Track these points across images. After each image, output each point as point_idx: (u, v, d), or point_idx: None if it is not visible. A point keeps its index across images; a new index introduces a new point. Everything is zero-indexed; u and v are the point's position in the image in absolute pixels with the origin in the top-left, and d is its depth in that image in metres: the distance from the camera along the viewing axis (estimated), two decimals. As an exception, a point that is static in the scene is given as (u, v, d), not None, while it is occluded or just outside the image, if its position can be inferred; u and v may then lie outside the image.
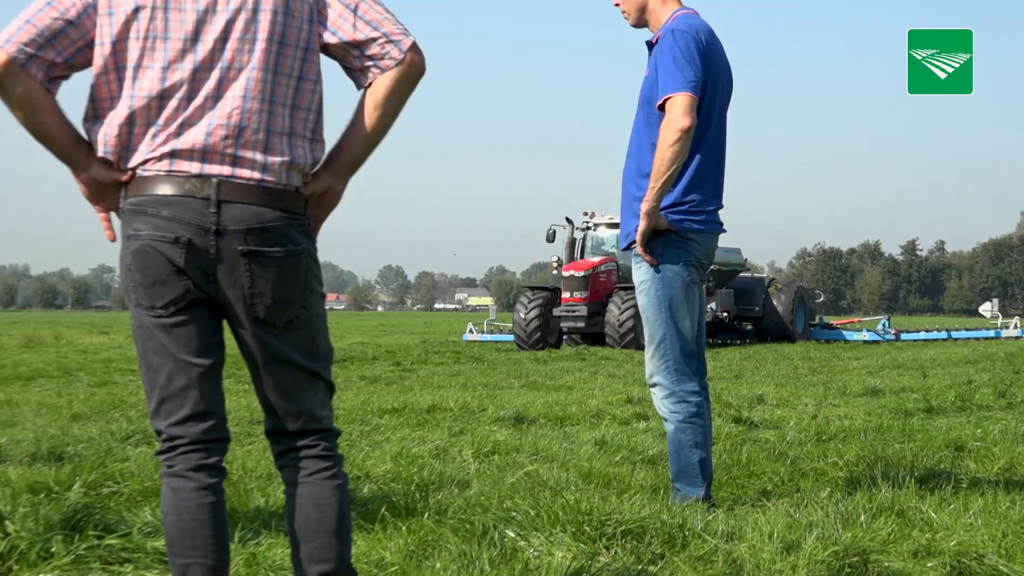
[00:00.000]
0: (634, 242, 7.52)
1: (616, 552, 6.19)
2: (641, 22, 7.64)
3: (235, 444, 4.82)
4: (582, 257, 38.77)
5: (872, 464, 9.33)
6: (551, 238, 39.10)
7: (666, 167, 7.18)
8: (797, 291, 43.57)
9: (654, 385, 7.64)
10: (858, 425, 12.55)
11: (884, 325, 46.46)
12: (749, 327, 42.61)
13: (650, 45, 7.63)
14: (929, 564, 5.96)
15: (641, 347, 32.45)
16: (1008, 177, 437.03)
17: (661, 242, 7.42)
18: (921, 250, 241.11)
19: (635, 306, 32.63)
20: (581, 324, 35.41)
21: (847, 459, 9.63)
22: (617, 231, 38.48)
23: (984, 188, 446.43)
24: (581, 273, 36.04)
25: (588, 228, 40.11)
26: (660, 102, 7.28)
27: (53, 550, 6.15)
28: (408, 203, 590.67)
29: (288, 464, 4.63)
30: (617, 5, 7.68)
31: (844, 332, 46.35)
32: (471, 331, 44.58)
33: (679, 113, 7.15)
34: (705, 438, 7.62)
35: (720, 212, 7.72)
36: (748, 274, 44.43)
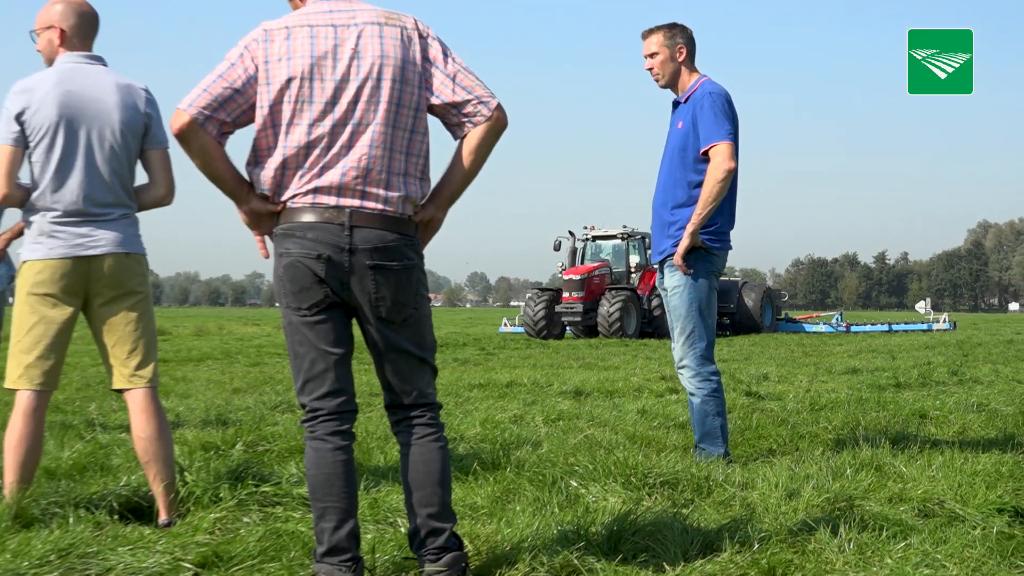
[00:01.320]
0: (669, 256, 7.67)
1: (656, 498, 6.32)
2: (669, 85, 7.73)
3: (359, 413, 4.90)
4: (582, 263, 38.31)
5: (855, 428, 9.42)
6: (557, 247, 38.72)
7: (713, 198, 7.40)
8: (765, 292, 42.38)
9: (683, 367, 7.80)
10: (842, 397, 12.63)
11: (837, 319, 45.35)
12: (726, 321, 41.16)
13: (675, 104, 7.73)
14: (901, 508, 6.02)
15: (627, 335, 32.42)
16: (958, 198, 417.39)
17: (692, 256, 7.58)
18: (889, 259, 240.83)
19: (622, 302, 33.11)
20: (578, 319, 35.12)
21: (835, 424, 9.75)
22: (611, 242, 38.19)
23: (939, 208, 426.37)
24: (578, 277, 35.78)
25: (587, 239, 39.57)
26: (705, 149, 7.46)
27: (221, 495, 6.28)
28: (489, 220, 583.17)
29: (402, 430, 4.81)
30: (650, 69, 7.75)
31: (804, 325, 44.83)
32: (505, 324, 44.17)
33: (724, 158, 7.37)
34: (723, 408, 7.78)
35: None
36: (725, 278, 43.35)
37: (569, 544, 5.11)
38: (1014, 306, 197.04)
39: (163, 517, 5.91)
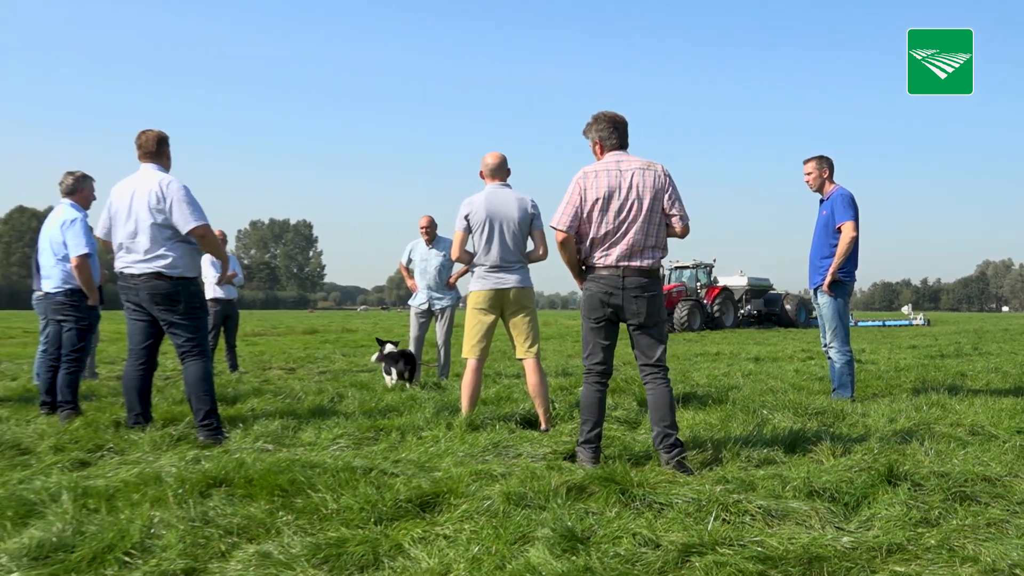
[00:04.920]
0: (820, 286, 7.59)
1: (813, 421, 6.25)
2: (818, 190, 7.67)
3: (614, 372, 5.00)
4: (668, 283, 34.66)
5: (923, 381, 9.06)
6: None
7: (843, 254, 7.42)
8: (799, 300, 37.25)
9: (832, 347, 7.67)
10: (911, 363, 12.14)
11: (851, 316, 39.68)
12: (774, 319, 36.90)
13: (821, 201, 7.66)
14: (959, 430, 5.85)
15: (692, 330, 29.98)
16: (970, 242, 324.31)
17: (834, 285, 7.49)
18: (930, 283, 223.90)
19: (688, 309, 30.66)
20: None
21: (911, 379, 9.39)
22: (686, 270, 35.07)
23: (959, 248, 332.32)
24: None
25: (672, 269, 36.14)
26: (838, 225, 7.45)
27: (574, 415, 6.43)
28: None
29: (648, 380, 4.97)
30: (807, 181, 7.71)
31: None
32: None
33: (849, 231, 7.38)
34: (853, 370, 7.65)
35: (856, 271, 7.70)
36: (773, 291, 38.32)
37: (765, 446, 5.13)
38: (1005, 308, 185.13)
39: (543, 427, 6.14)
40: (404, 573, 3.09)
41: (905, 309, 45.00)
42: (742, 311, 35.65)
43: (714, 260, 36.29)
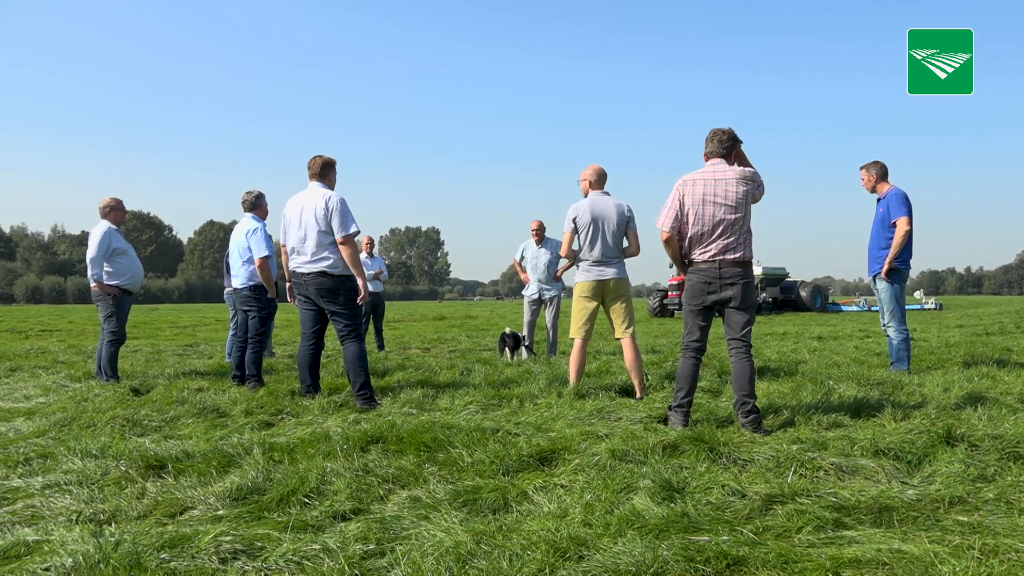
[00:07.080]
0: (878, 273, 7.21)
1: (874, 390, 5.98)
2: (872, 191, 7.30)
3: (707, 350, 4.78)
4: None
5: (972, 356, 8.57)
6: (671, 266, 32.12)
7: (899, 246, 7.02)
8: (815, 287, 33.82)
9: (890, 326, 7.31)
10: (959, 340, 11.46)
11: (864, 302, 35.34)
12: (791, 305, 33.11)
13: (879, 200, 7.29)
14: (1008, 398, 5.51)
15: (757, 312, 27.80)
16: (1014, 231, 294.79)
17: (891, 273, 7.10)
18: (973, 270, 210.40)
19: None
20: (677, 306, 29.26)
21: (960, 354, 8.87)
22: (759, 267, 32.34)
23: (1001, 237, 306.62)
24: (677, 281, 29.57)
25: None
26: (893, 221, 7.06)
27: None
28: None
29: (734, 353, 4.81)
30: (864, 186, 7.36)
31: (843, 307, 35.13)
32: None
33: (903, 225, 6.99)
34: (909, 346, 7.25)
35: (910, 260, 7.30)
36: (789, 279, 34.31)
37: (833, 412, 4.95)
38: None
39: (638, 395, 6.04)
40: (529, 516, 3.09)
41: (918, 294, 42.22)
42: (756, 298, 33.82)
43: None
